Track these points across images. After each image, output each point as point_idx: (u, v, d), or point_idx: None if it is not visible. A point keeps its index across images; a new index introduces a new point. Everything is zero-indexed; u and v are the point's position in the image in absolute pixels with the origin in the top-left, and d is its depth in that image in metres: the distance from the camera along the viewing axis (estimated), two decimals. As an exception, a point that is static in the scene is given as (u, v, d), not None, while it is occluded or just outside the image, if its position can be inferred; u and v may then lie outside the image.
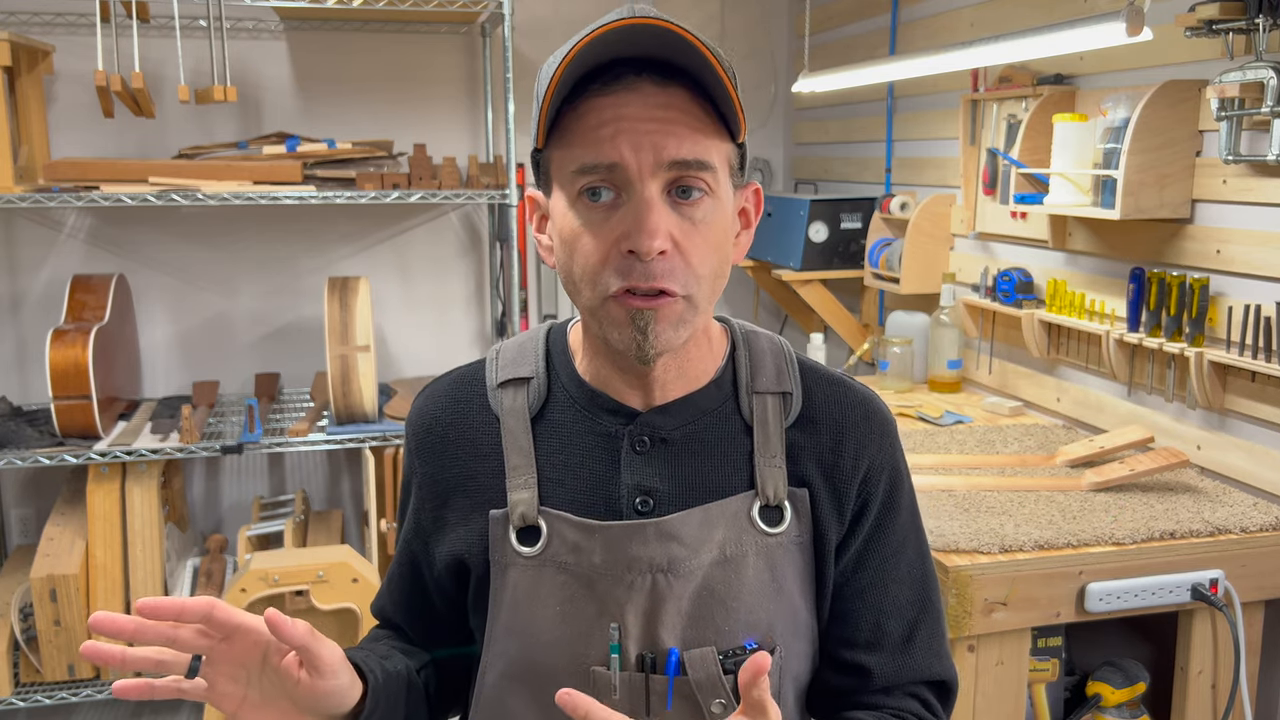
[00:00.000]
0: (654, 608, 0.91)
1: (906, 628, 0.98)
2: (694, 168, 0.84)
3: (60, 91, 3.15)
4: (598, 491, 0.93)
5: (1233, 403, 1.92)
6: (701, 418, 0.95)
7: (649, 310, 0.85)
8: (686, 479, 0.93)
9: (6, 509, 3.28)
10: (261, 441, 2.79)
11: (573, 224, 0.87)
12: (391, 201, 2.94)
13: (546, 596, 0.92)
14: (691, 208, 0.86)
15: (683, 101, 0.85)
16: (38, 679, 2.78)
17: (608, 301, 0.86)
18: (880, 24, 3.10)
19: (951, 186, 2.78)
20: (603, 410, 0.95)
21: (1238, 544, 1.69)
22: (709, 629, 0.92)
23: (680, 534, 0.91)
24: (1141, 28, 1.65)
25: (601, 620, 0.91)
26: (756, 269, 3.45)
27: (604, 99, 0.84)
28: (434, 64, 3.42)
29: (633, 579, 0.90)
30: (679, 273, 0.85)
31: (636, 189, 0.84)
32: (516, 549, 0.93)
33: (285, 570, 2.27)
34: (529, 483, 0.93)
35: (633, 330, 0.86)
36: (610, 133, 0.83)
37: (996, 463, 2.06)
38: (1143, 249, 2.11)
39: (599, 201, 0.85)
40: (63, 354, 2.65)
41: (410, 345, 3.52)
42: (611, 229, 0.85)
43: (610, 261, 0.85)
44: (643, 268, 0.84)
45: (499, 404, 0.97)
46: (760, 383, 0.97)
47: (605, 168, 0.84)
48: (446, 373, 1.03)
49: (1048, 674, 1.79)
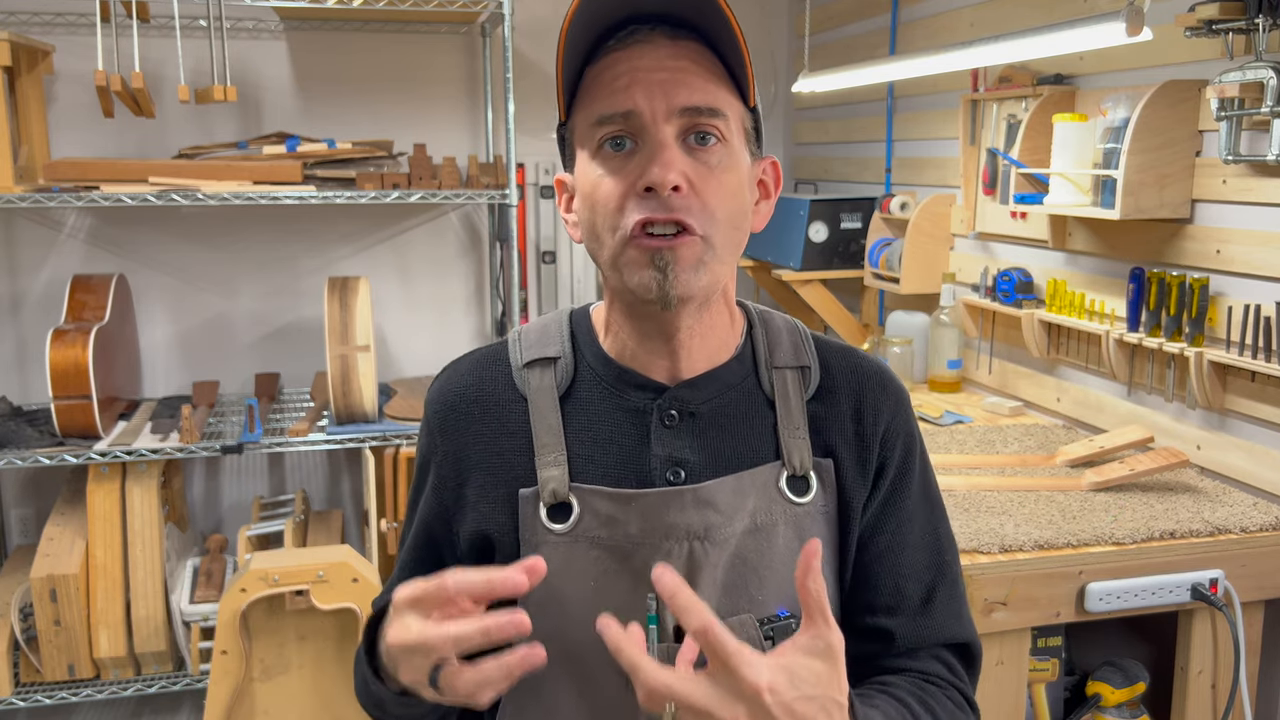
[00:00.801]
0: (691, 576, 0.92)
1: (925, 590, 0.99)
2: (706, 114, 0.88)
3: (60, 91, 3.15)
4: (629, 465, 0.94)
5: (1233, 403, 1.92)
6: (726, 392, 0.97)
7: (668, 250, 0.87)
8: (716, 450, 0.95)
9: (6, 509, 3.28)
10: (261, 441, 2.79)
11: (594, 175, 0.90)
12: (391, 201, 2.94)
13: (579, 572, 0.93)
14: (706, 153, 0.89)
15: (694, 54, 0.89)
16: (38, 679, 2.78)
17: (627, 246, 0.88)
18: (880, 24, 3.10)
19: (951, 186, 2.78)
20: (630, 386, 0.96)
21: (1238, 544, 1.69)
22: (743, 598, 0.93)
23: (715, 501, 0.93)
24: (1141, 28, 1.65)
25: (637, 592, 0.92)
26: (756, 269, 3.45)
27: (618, 54, 0.88)
28: (434, 64, 3.42)
29: (670, 547, 0.92)
30: (696, 210, 0.87)
31: (651, 133, 0.87)
32: (548, 526, 0.93)
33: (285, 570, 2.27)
34: (559, 460, 0.94)
35: (653, 270, 0.87)
36: (625, 83, 0.87)
37: (996, 463, 2.06)
38: (1143, 249, 2.11)
39: (620, 151, 0.88)
40: (63, 354, 2.65)
41: (410, 345, 3.52)
42: (629, 172, 0.88)
43: (628, 201, 0.87)
44: (660, 201, 0.86)
45: (525, 383, 0.98)
46: (779, 358, 0.99)
47: (621, 116, 0.87)
48: (467, 354, 1.03)
49: (1048, 674, 1.79)
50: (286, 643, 2.36)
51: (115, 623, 2.76)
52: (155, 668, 2.87)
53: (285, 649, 2.36)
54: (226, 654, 2.30)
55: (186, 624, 2.83)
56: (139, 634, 2.80)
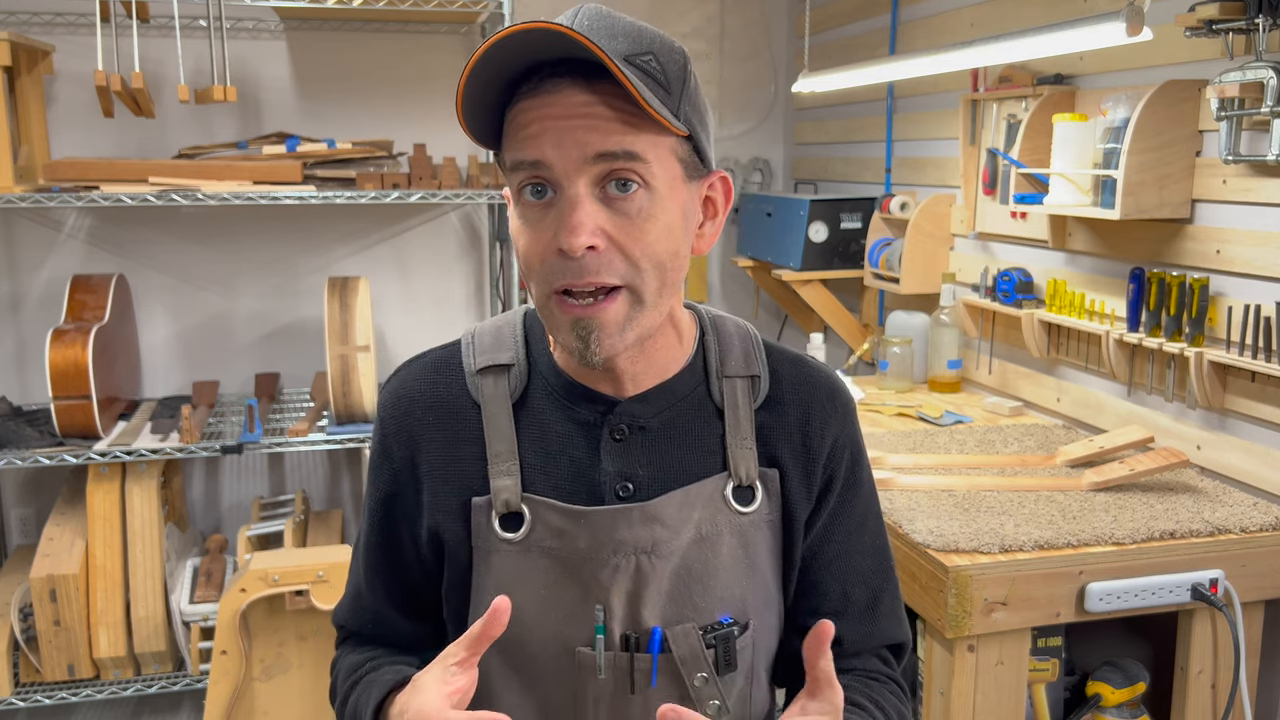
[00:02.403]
0: (637, 589, 0.94)
1: (871, 595, 1.04)
2: (622, 159, 0.84)
3: (60, 91, 3.15)
4: (579, 479, 0.95)
5: (1233, 403, 1.92)
6: (676, 404, 0.97)
7: (589, 319, 0.86)
8: (664, 464, 0.96)
9: (6, 509, 3.28)
10: (261, 441, 2.79)
11: (515, 222, 0.90)
12: (391, 201, 2.94)
13: (530, 581, 0.94)
14: (626, 202, 0.85)
15: (608, 98, 0.84)
16: (38, 679, 2.78)
17: (550, 301, 0.88)
18: (880, 24, 3.10)
19: (951, 186, 2.78)
20: (581, 399, 0.96)
21: (1238, 544, 1.69)
22: (687, 606, 0.95)
23: (662, 516, 0.94)
24: (1141, 28, 1.65)
25: (585, 603, 0.94)
26: (756, 269, 3.45)
27: (530, 100, 0.85)
28: (434, 64, 3.42)
29: (618, 562, 0.93)
30: (616, 265, 0.86)
31: (563, 186, 0.85)
32: (500, 535, 0.95)
33: (285, 570, 2.27)
34: (511, 470, 0.95)
35: (575, 338, 0.87)
36: (535, 131, 0.85)
37: (996, 463, 2.06)
38: (1143, 249, 2.11)
39: (539, 200, 0.87)
40: (63, 354, 2.65)
41: (410, 345, 3.52)
42: (546, 228, 0.86)
43: (546, 261, 0.86)
44: (576, 265, 0.85)
45: (479, 391, 0.97)
46: (729, 367, 0.99)
47: (530, 164, 0.85)
48: (418, 355, 1.03)
49: (1048, 674, 1.79)
50: (286, 643, 2.36)
51: (115, 623, 2.76)
52: (155, 668, 2.87)
53: (285, 649, 2.36)
54: (226, 654, 2.30)
55: (186, 624, 2.83)
56: (139, 634, 2.80)
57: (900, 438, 2.26)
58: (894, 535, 1.76)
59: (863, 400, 2.61)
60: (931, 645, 1.70)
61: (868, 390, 2.72)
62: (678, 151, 0.89)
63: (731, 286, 3.86)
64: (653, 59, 0.86)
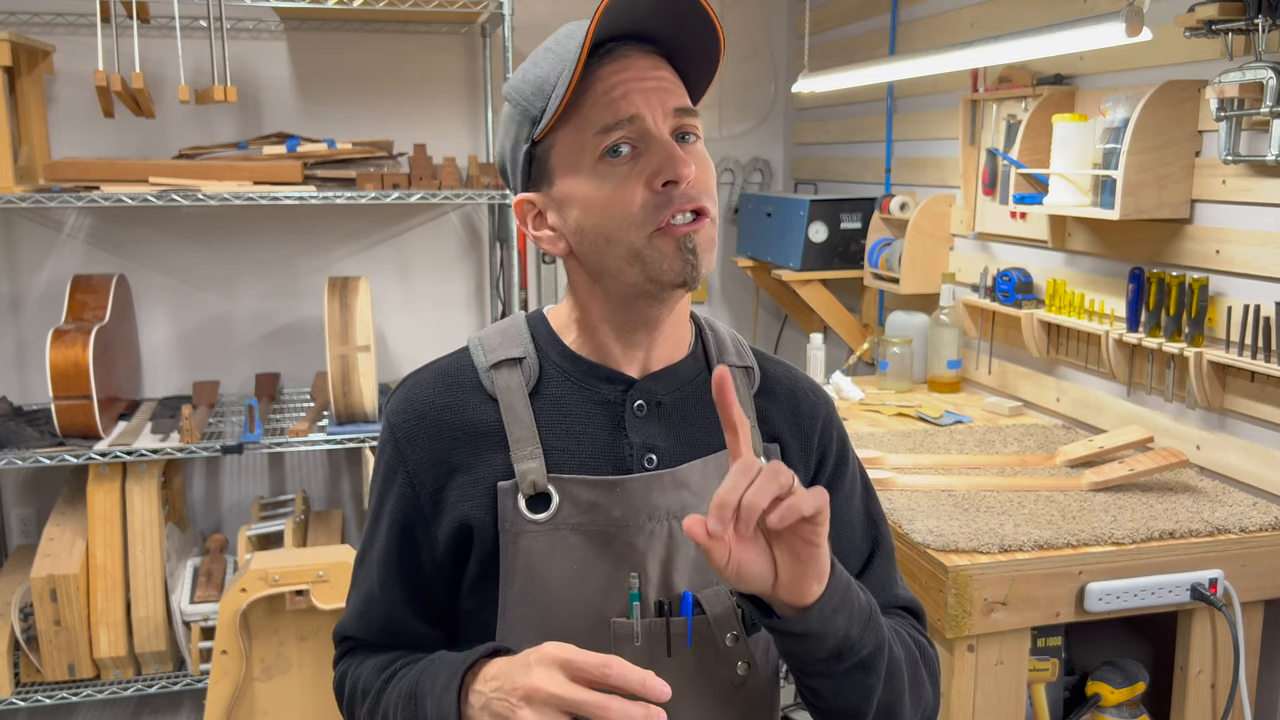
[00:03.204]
0: (670, 554, 0.98)
1: (861, 562, 1.10)
2: (689, 114, 0.96)
3: (60, 91, 3.15)
4: (604, 454, 0.99)
5: (1232, 403, 1.92)
6: (684, 385, 1.04)
7: (693, 233, 0.94)
8: (681, 436, 1.02)
9: (7, 509, 3.29)
10: (261, 441, 2.79)
11: (598, 187, 0.94)
12: (391, 201, 2.95)
13: (561, 559, 0.97)
14: (692, 148, 0.96)
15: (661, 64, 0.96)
16: (38, 679, 2.78)
17: (654, 238, 0.94)
18: (880, 24, 3.10)
19: (951, 186, 2.78)
20: (599, 379, 1.01)
21: (1237, 544, 1.70)
22: (711, 571, 0.99)
23: (689, 482, 1.00)
24: (1141, 28, 1.65)
25: (618, 573, 0.97)
26: (756, 269, 3.45)
27: (603, 69, 0.93)
28: (434, 64, 3.42)
29: (652, 527, 0.98)
30: (705, 194, 0.95)
31: (654, 134, 0.93)
32: (528, 516, 0.97)
33: (285, 570, 2.27)
34: (535, 453, 0.98)
35: (682, 255, 0.94)
36: (621, 92, 0.93)
37: (996, 463, 2.06)
38: (1142, 249, 2.11)
39: (620, 156, 0.93)
40: (63, 354, 2.65)
41: (410, 345, 3.52)
42: (639, 174, 0.93)
43: (649, 201, 0.93)
44: (680, 193, 0.93)
45: (493, 384, 1.01)
46: (727, 357, 1.07)
47: (627, 120, 0.93)
48: (423, 367, 1.06)
49: (1047, 674, 1.79)
50: (286, 643, 2.36)
51: (115, 623, 2.77)
52: (155, 668, 2.87)
53: (285, 649, 2.36)
54: (226, 654, 2.30)
55: (186, 624, 2.83)
56: (139, 634, 2.80)
57: (900, 438, 2.26)
58: (894, 535, 1.75)
59: (863, 400, 2.61)
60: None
61: (868, 390, 2.72)
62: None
63: (731, 286, 3.86)
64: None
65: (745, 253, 3.49)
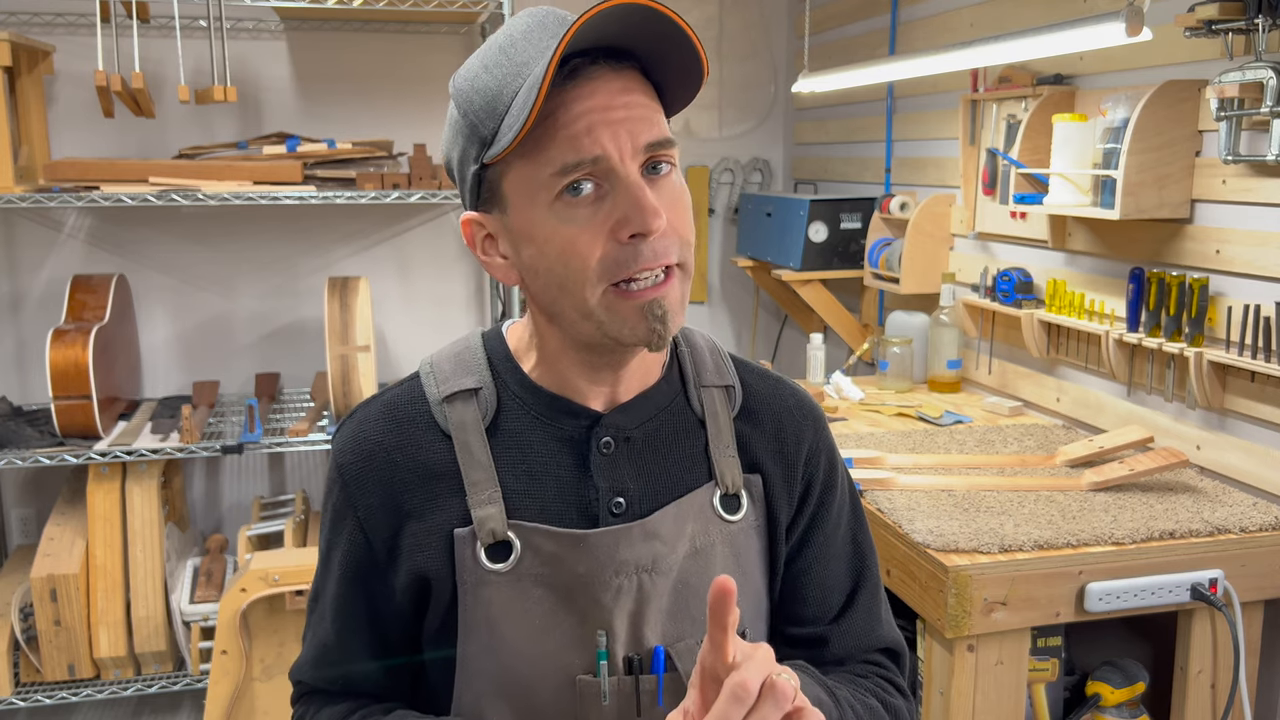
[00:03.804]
0: (639, 608, 0.91)
1: (843, 598, 1.03)
2: (663, 146, 0.85)
3: (60, 91, 3.15)
4: (568, 498, 0.92)
5: (1232, 403, 1.92)
6: (658, 414, 0.96)
7: (660, 298, 0.84)
8: (652, 475, 0.94)
9: (6, 509, 3.29)
10: (261, 441, 2.79)
11: (555, 229, 0.84)
12: (391, 201, 2.95)
13: (523, 612, 0.90)
14: (664, 181, 0.86)
15: (636, 83, 0.84)
16: (38, 679, 2.78)
17: (614, 298, 0.84)
18: (880, 24, 3.10)
19: (951, 186, 2.78)
20: (563, 414, 0.93)
21: (1237, 544, 1.70)
22: (685, 621, 0.93)
23: (660, 532, 0.92)
24: (1141, 28, 1.65)
25: (584, 628, 0.91)
26: (756, 269, 3.45)
27: (566, 95, 0.82)
28: (434, 64, 3.42)
29: (620, 583, 0.90)
30: (673, 243, 0.85)
31: (620, 175, 0.83)
32: (488, 566, 0.90)
33: (285, 570, 2.27)
34: (493, 497, 0.90)
35: (648, 321, 0.85)
36: (585, 126, 0.81)
37: (996, 463, 2.06)
38: (1142, 249, 2.11)
39: (580, 196, 0.83)
40: (63, 354, 2.65)
41: (410, 345, 3.52)
42: (602, 221, 0.83)
43: (609, 253, 0.83)
44: (645, 249, 0.83)
45: (446, 419, 0.92)
46: (706, 377, 0.98)
47: (590, 162, 0.82)
48: (374, 397, 0.97)
49: (1047, 674, 1.79)
50: (286, 643, 2.36)
51: (115, 623, 2.77)
52: (155, 668, 2.87)
53: (285, 649, 2.36)
54: (226, 654, 2.30)
55: (186, 624, 2.83)
56: (139, 634, 2.80)
57: (900, 438, 2.26)
58: (894, 535, 1.76)
59: (863, 400, 2.61)
60: (931, 645, 1.70)
61: (867, 390, 2.72)
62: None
63: (731, 287, 3.86)
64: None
65: (745, 253, 3.49)
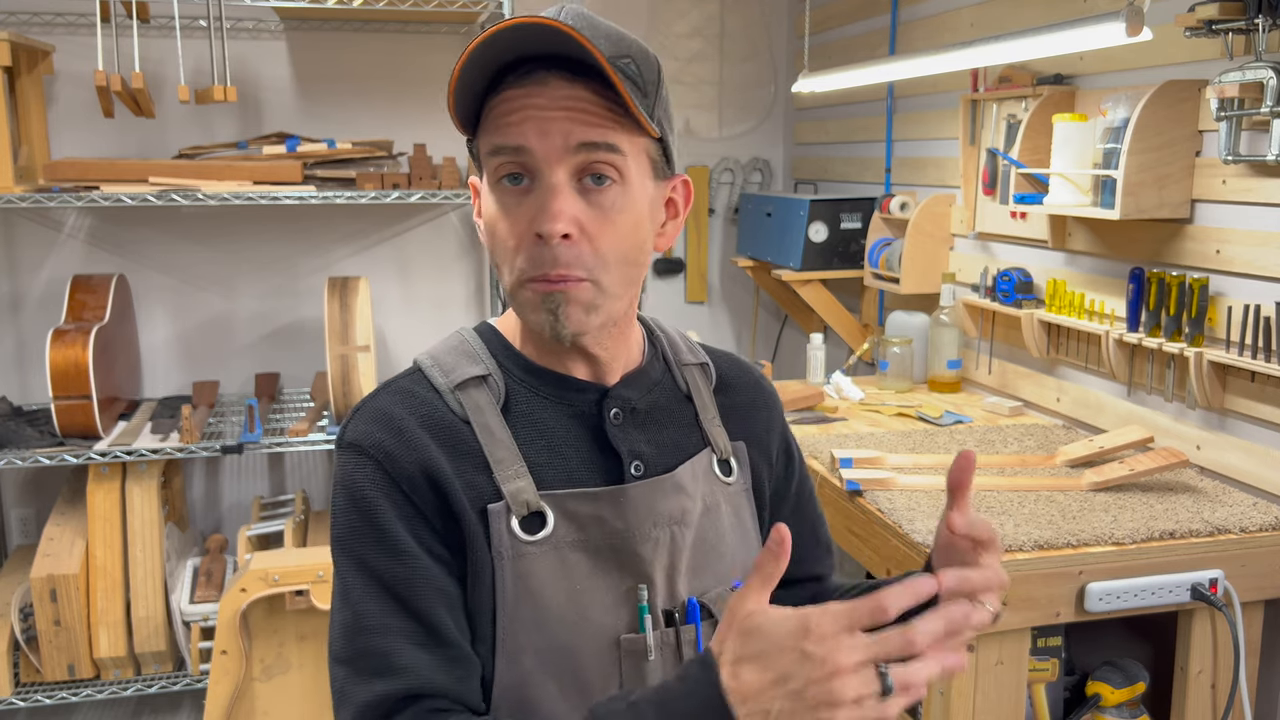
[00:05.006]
0: (673, 561, 0.97)
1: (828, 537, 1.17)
2: (602, 150, 0.88)
3: (60, 91, 3.15)
4: (592, 464, 0.96)
5: (1232, 403, 1.92)
6: (654, 389, 1.02)
7: (557, 293, 0.89)
8: (660, 442, 1.00)
9: (6, 509, 3.28)
10: (261, 441, 2.79)
11: (492, 208, 0.92)
12: (391, 201, 2.94)
13: (562, 579, 0.92)
14: (600, 194, 0.89)
15: (591, 95, 0.88)
16: (38, 679, 2.78)
17: (522, 286, 0.90)
18: (880, 24, 3.10)
19: (951, 186, 2.78)
20: (570, 390, 0.98)
21: (1237, 544, 1.69)
22: (708, 575, 1.00)
23: (685, 486, 0.99)
24: (1141, 28, 1.65)
25: (622, 588, 0.94)
26: (756, 269, 3.45)
27: (515, 90, 0.88)
28: (434, 64, 3.42)
29: (657, 535, 0.96)
30: (585, 259, 0.89)
31: (544, 174, 0.88)
32: (524, 538, 0.91)
33: (285, 570, 2.26)
34: (520, 472, 0.93)
35: (544, 312, 0.90)
36: (518, 119, 0.87)
37: (996, 463, 2.06)
38: (1142, 249, 2.11)
39: (516, 186, 0.89)
40: (63, 354, 2.65)
41: (410, 345, 3.52)
42: (524, 213, 0.89)
43: (523, 246, 0.89)
44: (550, 254, 0.87)
45: (461, 405, 0.94)
46: (683, 357, 1.06)
47: (512, 149, 0.88)
48: (375, 391, 0.97)
49: (1047, 674, 1.79)
50: (286, 643, 2.36)
51: (115, 623, 2.77)
52: (155, 668, 2.87)
53: (285, 649, 2.36)
54: (226, 654, 2.30)
55: (186, 624, 2.83)
56: (139, 634, 2.80)
57: (900, 438, 2.26)
58: (894, 535, 1.76)
59: (863, 400, 2.61)
60: (931, 645, 1.69)
61: (868, 390, 2.72)
62: (649, 151, 0.93)
63: (731, 286, 3.86)
64: (631, 62, 0.90)
65: (745, 253, 3.49)
